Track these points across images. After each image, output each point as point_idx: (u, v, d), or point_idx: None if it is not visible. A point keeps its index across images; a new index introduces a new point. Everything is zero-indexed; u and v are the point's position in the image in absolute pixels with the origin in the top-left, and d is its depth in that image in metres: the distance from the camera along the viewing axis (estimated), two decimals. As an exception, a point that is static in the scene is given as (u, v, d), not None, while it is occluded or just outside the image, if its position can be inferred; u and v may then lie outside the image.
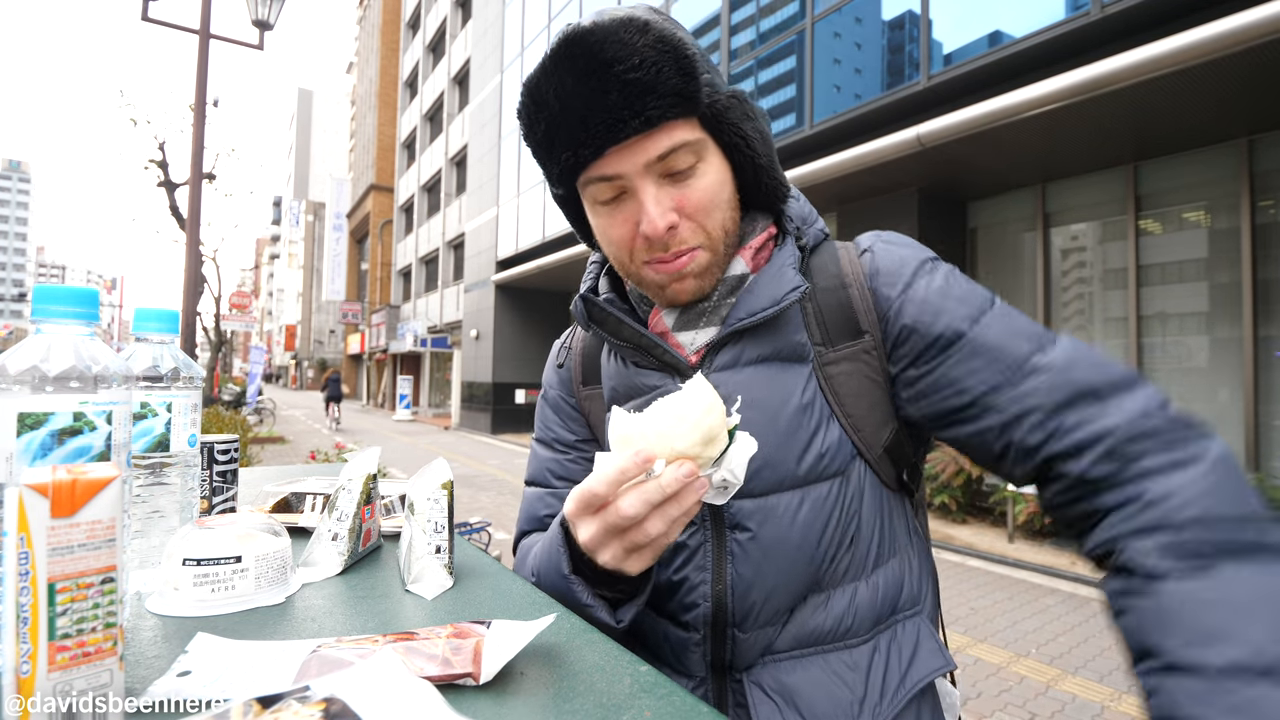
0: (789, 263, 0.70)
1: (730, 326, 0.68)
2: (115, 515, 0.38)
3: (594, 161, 0.63)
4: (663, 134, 0.62)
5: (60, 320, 0.51)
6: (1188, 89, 4.74)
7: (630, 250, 0.67)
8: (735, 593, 0.67)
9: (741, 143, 0.67)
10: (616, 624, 0.62)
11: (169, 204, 12.61)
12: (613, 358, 0.77)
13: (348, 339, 39.62)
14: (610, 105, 0.59)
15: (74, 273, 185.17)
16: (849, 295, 0.70)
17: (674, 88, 0.60)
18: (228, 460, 0.86)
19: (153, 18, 6.02)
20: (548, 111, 0.63)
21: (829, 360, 0.70)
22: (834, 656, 0.67)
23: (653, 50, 0.59)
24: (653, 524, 0.53)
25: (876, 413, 0.70)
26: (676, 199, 0.64)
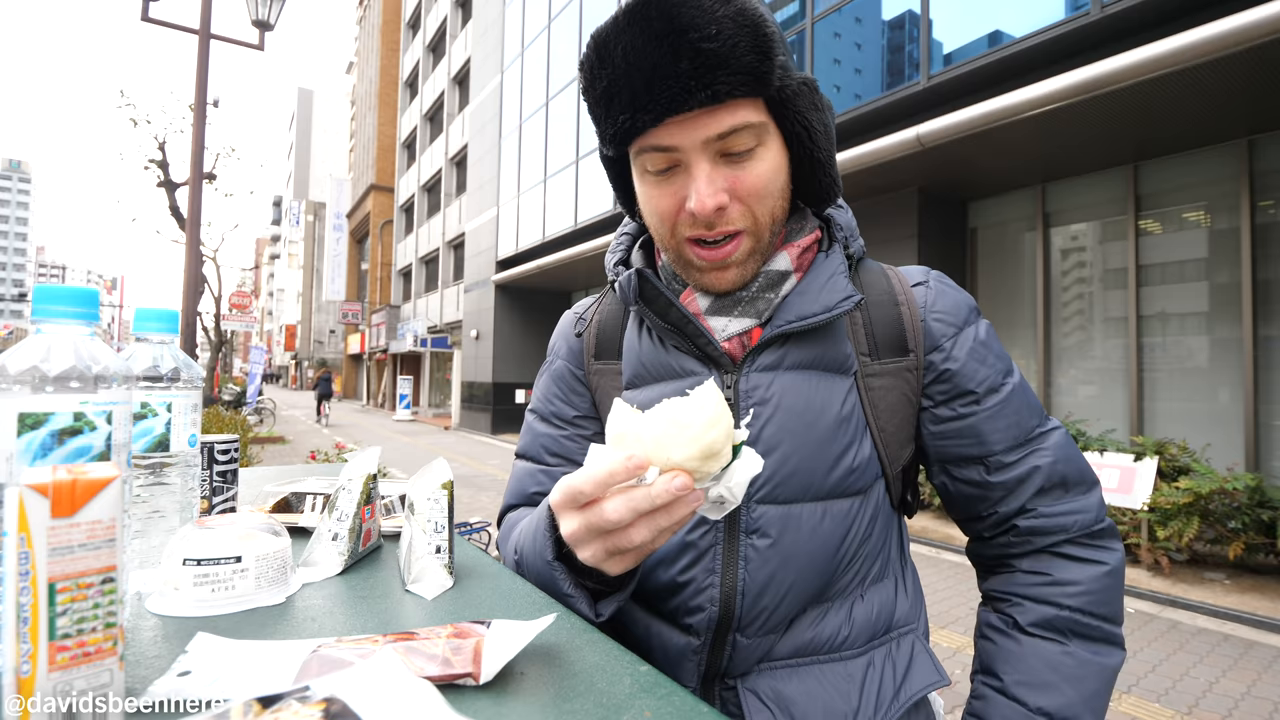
0: (840, 271, 0.70)
1: (778, 329, 0.67)
2: (115, 515, 0.38)
3: (651, 129, 0.61)
4: (727, 111, 0.60)
5: (60, 320, 0.51)
6: (1188, 89, 4.74)
7: (673, 225, 0.66)
8: (745, 597, 0.66)
9: (804, 134, 0.65)
10: (596, 617, 0.60)
11: (169, 204, 12.61)
12: (645, 335, 0.74)
13: (348, 339, 39.64)
14: (679, 73, 0.57)
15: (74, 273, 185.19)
16: (899, 313, 0.72)
17: (748, 65, 0.58)
18: (228, 460, 0.86)
19: (153, 18, 6.02)
20: (611, 69, 0.60)
21: (873, 372, 0.71)
22: (830, 667, 0.67)
23: (732, 22, 0.57)
24: (638, 532, 0.50)
25: (903, 432, 0.71)
26: (730, 180, 0.62)
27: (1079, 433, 5.77)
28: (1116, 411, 6.31)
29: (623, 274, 0.72)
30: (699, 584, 0.67)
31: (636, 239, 0.81)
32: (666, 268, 0.74)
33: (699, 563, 0.68)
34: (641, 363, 0.74)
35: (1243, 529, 4.58)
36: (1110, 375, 6.46)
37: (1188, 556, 4.90)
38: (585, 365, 0.81)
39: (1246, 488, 4.55)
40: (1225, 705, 3.00)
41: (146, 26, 19.63)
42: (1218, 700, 3.04)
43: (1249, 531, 4.59)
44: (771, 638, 0.67)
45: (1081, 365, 6.70)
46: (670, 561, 0.69)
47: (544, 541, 0.60)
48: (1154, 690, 3.13)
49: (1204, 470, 4.82)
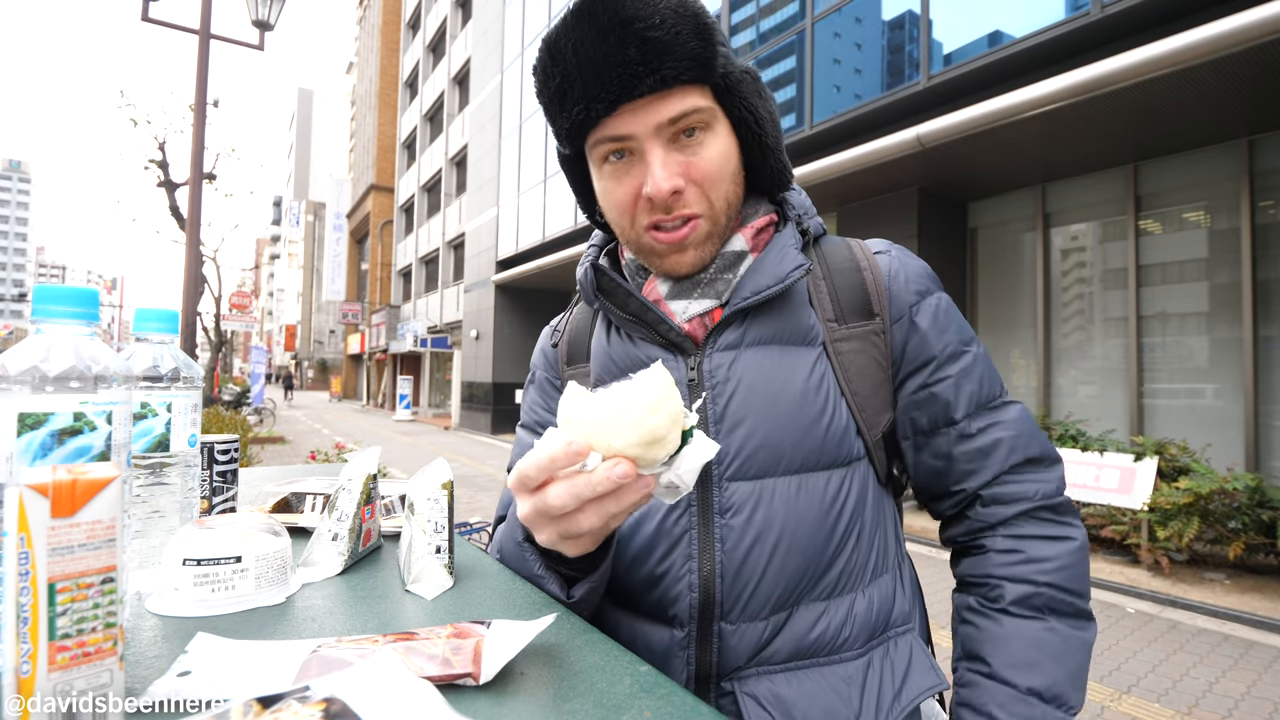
0: (791, 244, 0.71)
1: (734, 305, 0.68)
2: (115, 515, 0.38)
3: (605, 118, 0.63)
4: (676, 97, 0.62)
5: (60, 320, 0.51)
6: (1188, 89, 4.74)
7: (632, 214, 0.67)
8: (724, 579, 0.66)
9: (750, 118, 0.67)
10: (568, 599, 0.61)
11: (169, 204, 12.60)
12: (612, 332, 0.76)
13: (348, 339, 39.63)
14: (627, 60, 0.59)
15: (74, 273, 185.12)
16: (863, 278, 0.73)
17: (691, 51, 0.61)
18: (228, 460, 0.86)
19: (153, 18, 6.02)
20: (564, 65, 0.62)
21: (840, 337, 0.71)
22: (830, 670, 0.66)
23: (673, 13, 0.60)
24: (586, 518, 0.49)
25: (878, 397, 0.71)
26: (684, 165, 0.64)
27: (1079, 433, 5.77)
28: (1116, 411, 6.30)
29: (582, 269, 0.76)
30: (676, 572, 0.67)
31: (602, 249, 0.83)
32: (630, 264, 0.76)
33: (675, 550, 0.67)
34: (610, 359, 0.75)
35: (1243, 529, 4.58)
36: (1110, 375, 6.46)
37: (1188, 556, 4.90)
38: (560, 373, 0.84)
39: (1246, 488, 4.55)
40: (1225, 705, 3.00)
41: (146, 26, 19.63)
42: (1218, 700, 3.04)
43: (1249, 531, 4.59)
44: (760, 626, 0.66)
45: (1081, 365, 6.70)
46: (646, 554, 0.69)
47: (514, 524, 0.62)
48: (1154, 690, 3.13)
49: (1204, 470, 4.82)
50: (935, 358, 0.71)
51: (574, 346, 0.82)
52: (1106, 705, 2.98)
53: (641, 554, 0.69)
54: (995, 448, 0.71)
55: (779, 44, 8.04)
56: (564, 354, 0.83)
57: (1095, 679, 3.25)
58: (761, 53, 8.28)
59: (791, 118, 7.83)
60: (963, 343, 0.73)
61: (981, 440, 0.71)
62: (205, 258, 15.94)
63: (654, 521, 0.69)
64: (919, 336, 0.72)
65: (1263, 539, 4.62)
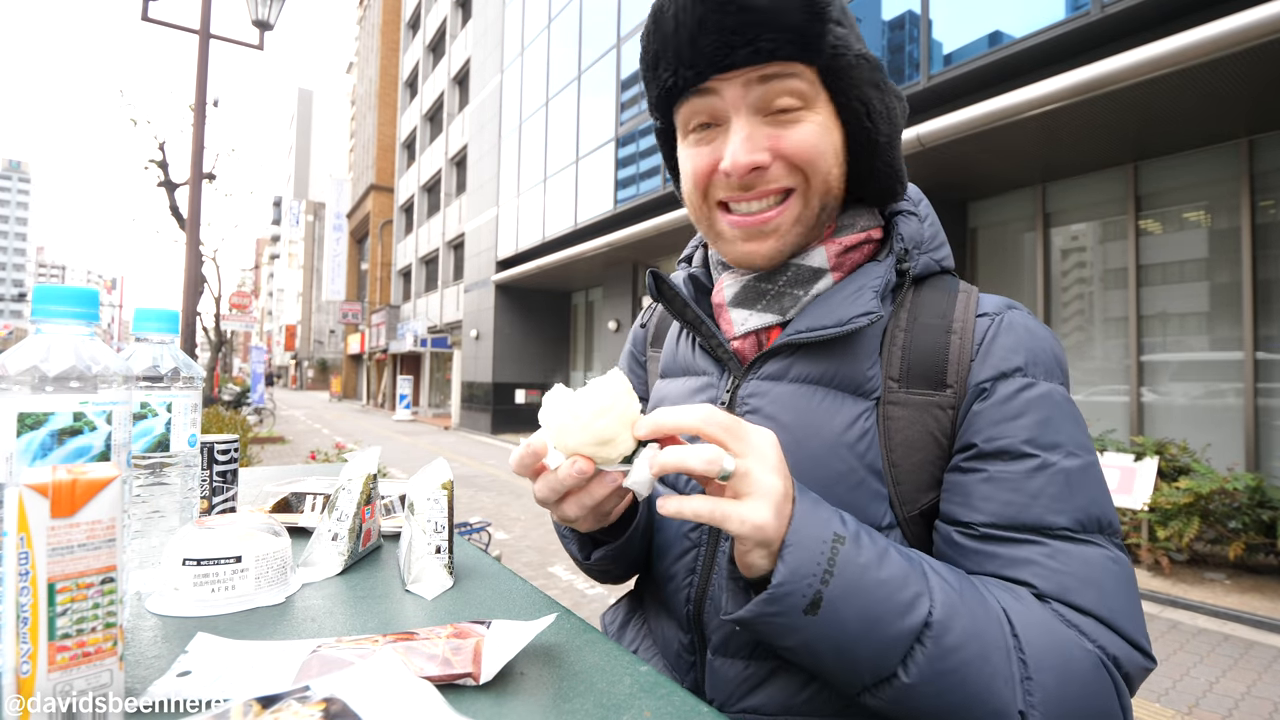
0: (874, 284, 0.62)
1: (787, 337, 0.62)
2: (115, 515, 0.38)
3: (694, 86, 0.60)
4: (771, 70, 0.58)
5: (60, 320, 0.51)
6: (1188, 89, 4.74)
7: (706, 187, 0.63)
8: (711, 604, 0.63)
9: (861, 109, 0.60)
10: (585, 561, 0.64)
11: (169, 204, 12.61)
12: (681, 332, 0.77)
13: (348, 339, 39.63)
14: (725, 27, 0.56)
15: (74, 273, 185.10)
16: (947, 341, 0.62)
17: (795, 24, 0.56)
18: (228, 460, 0.86)
19: (153, 18, 6.02)
20: (662, 32, 0.59)
21: (895, 400, 0.61)
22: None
23: None
24: (568, 507, 0.54)
25: (922, 474, 0.60)
26: (772, 139, 0.59)
27: (1079, 433, 5.77)
28: (1116, 411, 6.31)
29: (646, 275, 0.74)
30: (679, 582, 0.67)
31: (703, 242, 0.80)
32: (714, 256, 0.73)
33: (682, 560, 0.67)
34: (674, 357, 0.77)
35: (1243, 529, 4.58)
36: (1110, 375, 6.46)
37: (1188, 556, 4.90)
38: (645, 352, 0.86)
39: (1246, 488, 4.55)
40: (1225, 705, 3.00)
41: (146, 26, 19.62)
42: (1218, 700, 3.04)
43: (1249, 531, 4.59)
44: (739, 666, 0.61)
45: (1081, 365, 6.70)
46: (664, 551, 0.69)
47: None
48: (1154, 690, 3.13)
49: (1204, 470, 4.82)
50: (976, 445, 0.58)
51: (658, 331, 0.84)
52: (1106, 705, 2.98)
53: (661, 549, 0.70)
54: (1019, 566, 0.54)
55: (779, 44, 8.04)
56: (651, 334, 0.85)
57: (1095, 679, 3.25)
58: (761, 53, 8.28)
59: (791, 118, 7.84)
60: (1030, 442, 0.56)
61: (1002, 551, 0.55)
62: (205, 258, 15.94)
63: (673, 525, 0.68)
64: (974, 417, 0.59)
65: (1263, 539, 4.62)
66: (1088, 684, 0.50)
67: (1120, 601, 0.53)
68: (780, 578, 0.48)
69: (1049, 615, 0.52)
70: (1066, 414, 0.58)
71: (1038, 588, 0.53)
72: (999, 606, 0.51)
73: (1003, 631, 0.50)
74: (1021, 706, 0.48)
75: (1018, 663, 0.49)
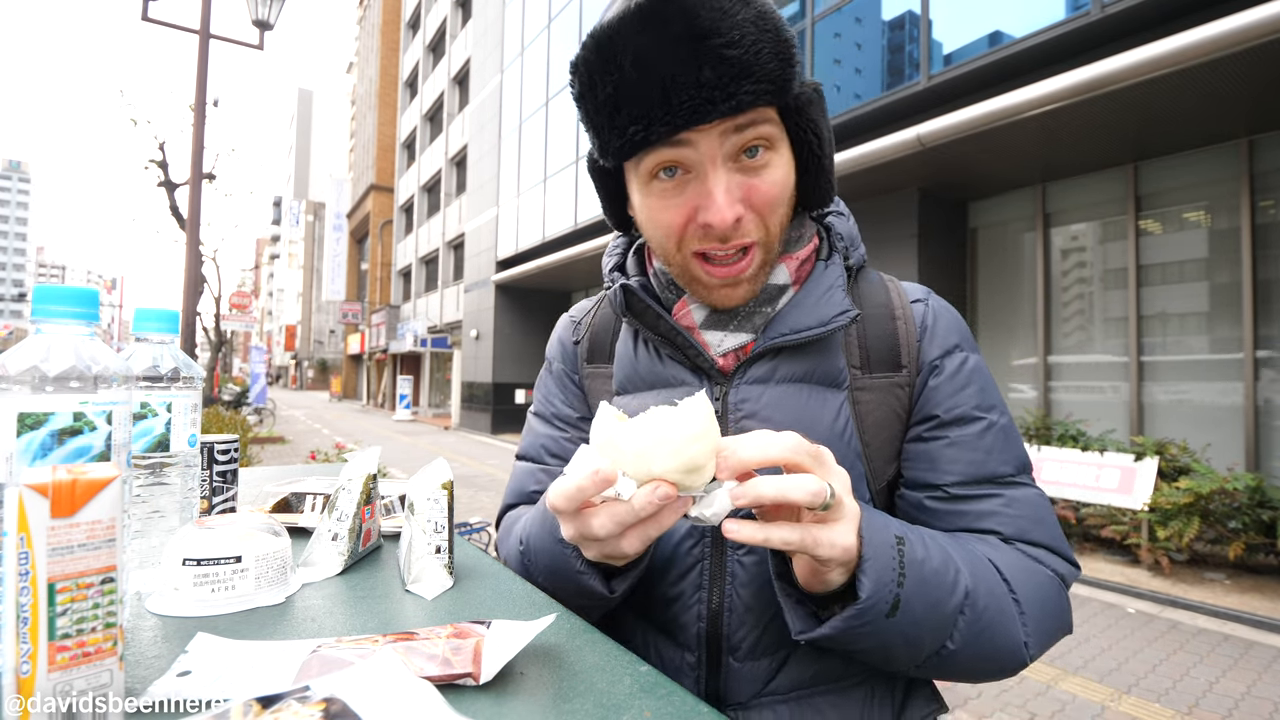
0: (838, 284, 0.68)
1: (771, 341, 0.65)
2: (115, 515, 0.38)
3: (665, 139, 0.57)
4: (746, 120, 0.57)
5: (60, 320, 0.51)
6: (1188, 89, 4.74)
7: (680, 238, 0.62)
8: (732, 614, 0.64)
9: (815, 140, 0.63)
10: (610, 594, 0.60)
11: (169, 204, 12.60)
12: (640, 344, 0.74)
13: (348, 339, 39.63)
14: (702, 82, 0.53)
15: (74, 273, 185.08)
16: (895, 328, 0.69)
17: (771, 73, 0.55)
18: (228, 460, 0.86)
19: (153, 18, 6.02)
20: (619, 74, 0.55)
21: (862, 386, 0.68)
22: (829, 699, 0.65)
23: (754, 27, 0.54)
24: (628, 542, 0.51)
25: (888, 449, 0.68)
26: (745, 189, 0.60)
27: (1079, 433, 5.77)
28: (1116, 411, 6.31)
29: (613, 287, 0.72)
30: (686, 599, 0.66)
31: (632, 242, 0.80)
32: (662, 274, 0.72)
33: (687, 577, 0.66)
34: (636, 372, 0.73)
35: (1243, 529, 4.58)
36: (1111, 375, 6.46)
37: (1188, 556, 4.90)
38: (579, 369, 0.81)
39: (1246, 488, 4.55)
40: (1225, 705, 3.00)
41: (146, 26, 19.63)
42: (1218, 700, 3.04)
43: (1249, 531, 4.59)
44: (766, 662, 0.65)
45: (1082, 365, 6.70)
46: (661, 574, 0.68)
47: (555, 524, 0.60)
48: (1154, 690, 3.13)
49: (1204, 470, 4.82)
50: (936, 416, 0.67)
51: (596, 345, 0.80)
52: (1106, 705, 2.98)
53: (656, 572, 0.68)
54: (986, 519, 0.64)
55: (779, 44, 8.04)
56: (585, 351, 0.81)
57: (1095, 678, 3.26)
58: (761, 53, 8.28)
59: (791, 118, 7.84)
60: (978, 407, 0.67)
61: (971, 508, 0.65)
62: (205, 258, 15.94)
63: (669, 543, 0.67)
64: (931, 391, 0.68)
65: (1263, 539, 4.62)
66: (1054, 602, 0.62)
67: (1054, 529, 0.66)
68: (867, 592, 0.50)
69: (1018, 555, 0.62)
70: (991, 380, 0.70)
71: (1003, 533, 0.64)
72: (986, 558, 0.60)
73: (1000, 580, 0.59)
74: (1024, 638, 0.58)
75: (1013, 602, 0.59)
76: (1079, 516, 5.39)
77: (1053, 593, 0.62)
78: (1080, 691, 3.11)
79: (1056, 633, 0.62)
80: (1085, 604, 4.37)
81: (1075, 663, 3.43)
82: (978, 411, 0.67)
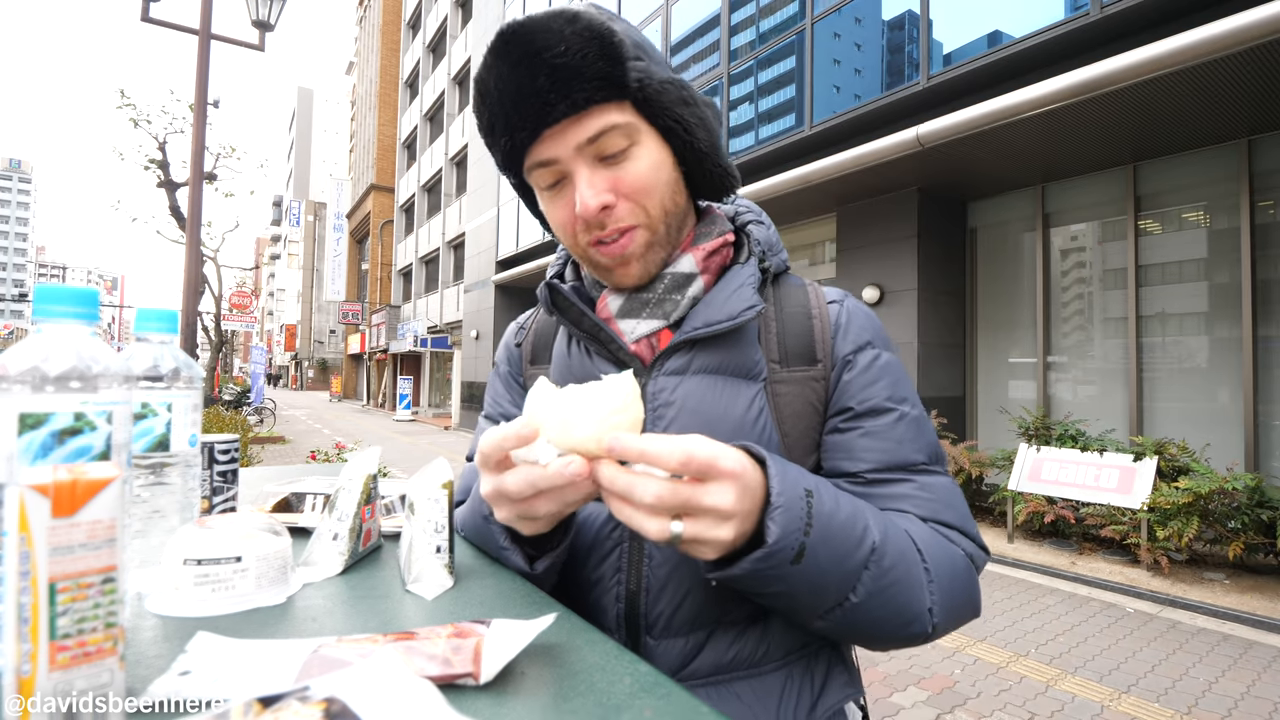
0: (749, 282, 0.72)
1: (685, 335, 0.70)
2: (116, 515, 0.38)
3: (531, 146, 0.66)
4: (591, 117, 0.64)
5: (61, 320, 0.51)
6: (1188, 89, 4.74)
7: (574, 232, 0.69)
8: (649, 594, 0.68)
9: (678, 127, 0.68)
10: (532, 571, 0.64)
11: (169, 204, 12.61)
12: (571, 344, 0.79)
13: (348, 339, 39.62)
14: (539, 89, 0.62)
15: (74, 273, 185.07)
16: (811, 325, 0.75)
17: (599, 72, 0.62)
18: (228, 460, 0.86)
19: (153, 18, 6.02)
20: (490, 101, 0.65)
21: (780, 379, 0.73)
22: (749, 683, 0.68)
23: (579, 38, 0.62)
24: (542, 505, 0.54)
25: (807, 439, 0.72)
26: (611, 180, 0.66)
27: (1079, 433, 5.77)
28: (1116, 411, 6.31)
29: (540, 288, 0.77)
30: (606, 583, 0.70)
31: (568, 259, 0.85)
32: (589, 276, 0.79)
33: (606, 560, 0.70)
34: (569, 369, 0.78)
35: (1242, 529, 4.59)
36: (1110, 375, 6.46)
37: (1187, 556, 4.90)
38: (523, 371, 0.87)
39: (1246, 488, 4.55)
40: (1225, 705, 3.00)
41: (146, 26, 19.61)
42: (1217, 700, 3.04)
43: (1248, 531, 4.59)
44: (680, 642, 0.68)
45: (1081, 365, 6.70)
46: (582, 560, 0.71)
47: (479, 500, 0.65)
48: (1153, 690, 3.13)
49: (1204, 470, 4.82)
50: (850, 408, 0.71)
51: (537, 347, 0.85)
52: (1106, 705, 2.98)
53: (578, 558, 0.72)
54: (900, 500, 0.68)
55: (779, 44, 8.04)
56: (527, 353, 0.86)
57: (1095, 678, 3.26)
58: (761, 53, 8.28)
59: (791, 118, 7.84)
60: (890, 399, 0.72)
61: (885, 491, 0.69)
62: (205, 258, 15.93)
63: (591, 529, 0.71)
64: (845, 385, 0.72)
65: (1262, 539, 4.62)
66: (964, 578, 0.66)
67: (965, 514, 0.70)
68: (774, 537, 0.53)
69: (931, 531, 0.66)
70: (903, 375, 0.75)
71: (916, 515, 0.68)
72: (903, 526, 0.64)
73: (912, 546, 0.62)
74: (929, 604, 0.62)
75: (922, 570, 0.62)
76: (1078, 516, 5.39)
77: (962, 569, 0.66)
78: (1079, 691, 3.11)
79: (964, 609, 0.66)
80: (1085, 604, 4.37)
81: (1074, 662, 3.43)
82: (889, 403, 0.71)
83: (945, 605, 0.63)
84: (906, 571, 0.60)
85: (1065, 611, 4.22)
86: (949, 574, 0.64)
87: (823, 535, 0.55)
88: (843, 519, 0.57)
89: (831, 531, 0.56)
